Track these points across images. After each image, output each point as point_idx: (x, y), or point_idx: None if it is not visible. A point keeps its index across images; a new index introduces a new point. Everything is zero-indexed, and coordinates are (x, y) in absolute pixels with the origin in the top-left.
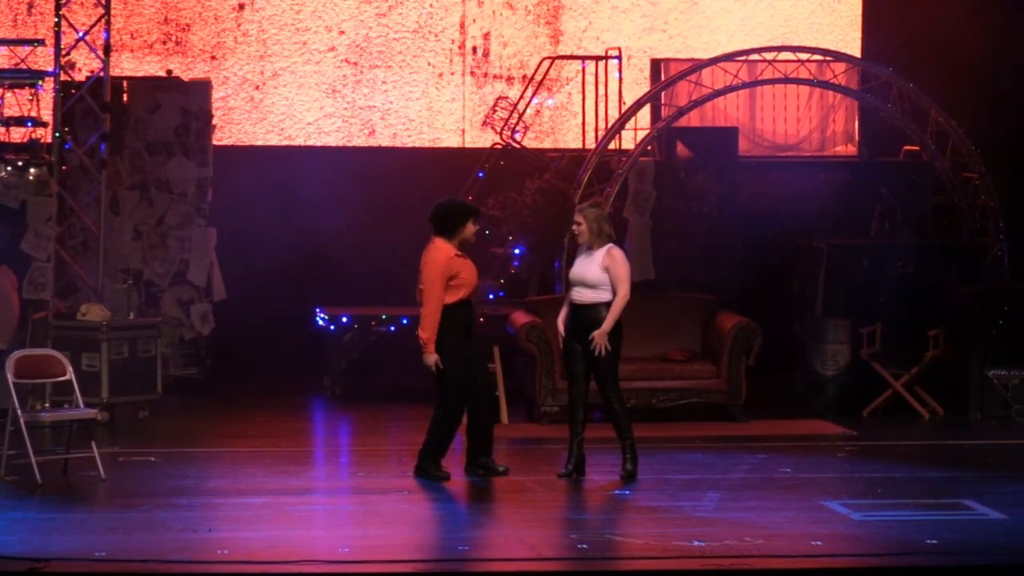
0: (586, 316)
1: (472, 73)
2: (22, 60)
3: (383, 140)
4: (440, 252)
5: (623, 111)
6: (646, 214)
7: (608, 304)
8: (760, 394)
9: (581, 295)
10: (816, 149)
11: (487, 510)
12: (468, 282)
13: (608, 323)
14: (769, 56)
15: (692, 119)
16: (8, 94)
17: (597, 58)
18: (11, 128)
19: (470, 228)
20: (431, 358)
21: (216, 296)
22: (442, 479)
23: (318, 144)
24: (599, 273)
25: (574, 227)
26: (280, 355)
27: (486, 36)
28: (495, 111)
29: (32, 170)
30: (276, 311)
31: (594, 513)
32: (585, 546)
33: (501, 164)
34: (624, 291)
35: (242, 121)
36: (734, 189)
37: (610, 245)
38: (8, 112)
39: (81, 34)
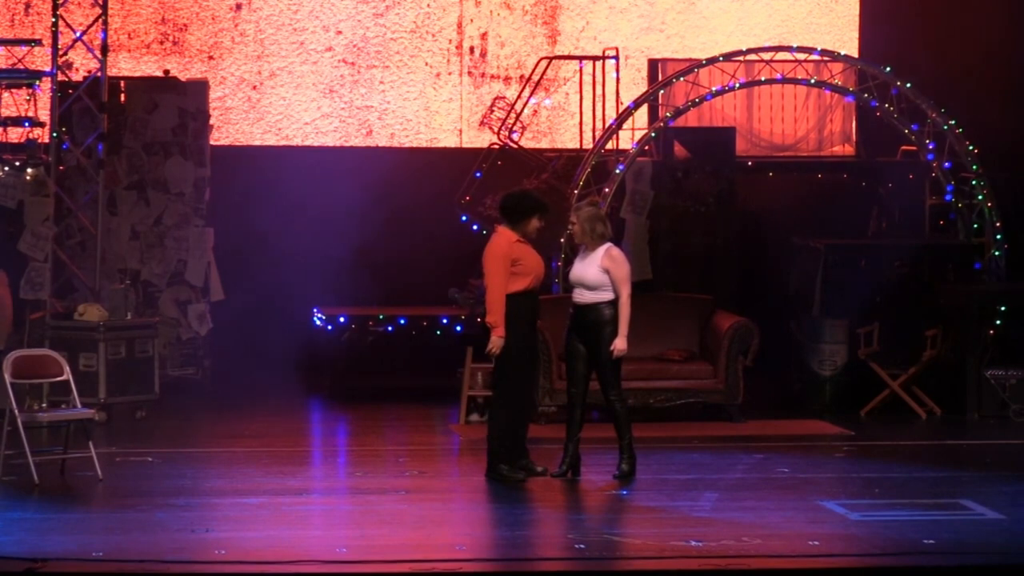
0: (588, 316)
1: (469, 73)
2: (19, 60)
3: (380, 140)
4: (502, 237)
5: (620, 111)
6: (643, 214)
7: (609, 303)
8: (757, 394)
9: (582, 296)
10: (813, 149)
11: (484, 510)
12: (532, 270)
13: (623, 328)
14: (767, 56)
15: (689, 119)
16: (5, 94)
17: (594, 58)
18: (8, 128)
19: (534, 223)
20: (498, 341)
21: (213, 296)
22: (517, 481)
23: (315, 144)
24: (598, 274)
25: (569, 226)
26: (277, 355)
27: (483, 36)
28: (492, 111)
29: (29, 170)
30: (273, 311)
31: (592, 513)
32: (583, 546)
33: (499, 164)
34: (626, 293)
35: (239, 121)
36: (731, 189)
37: (608, 245)
38: (5, 112)
39: (78, 34)
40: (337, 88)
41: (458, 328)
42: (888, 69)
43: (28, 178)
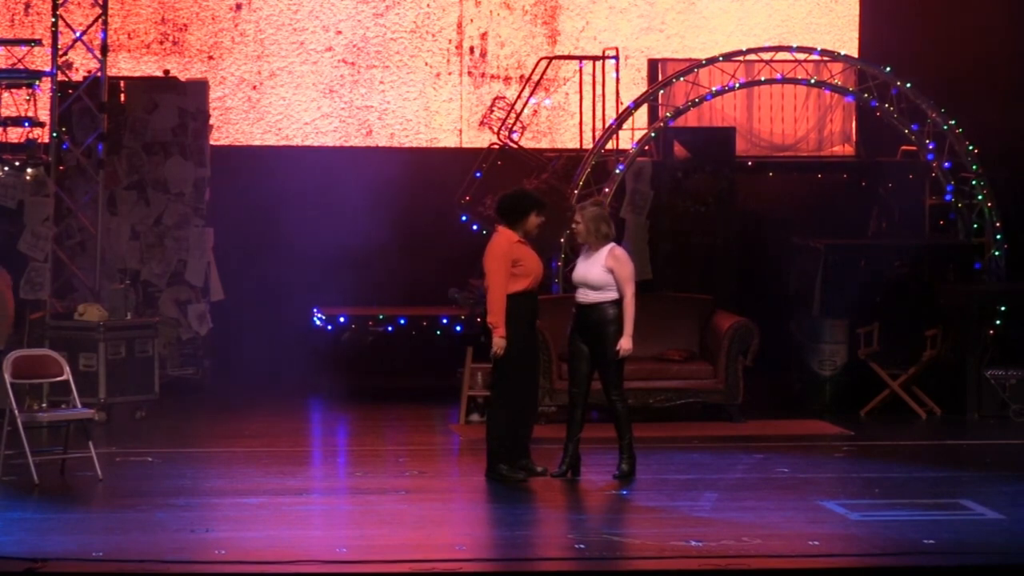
0: (591, 316)
1: (469, 73)
2: (19, 60)
3: (380, 140)
4: (502, 237)
5: (620, 111)
6: (643, 214)
7: (613, 302)
8: (757, 394)
9: (585, 296)
10: (813, 149)
11: (484, 510)
12: (531, 271)
13: (628, 328)
14: (766, 56)
15: (689, 119)
16: (5, 94)
17: (594, 58)
18: (8, 128)
19: (533, 220)
20: (500, 342)
21: (213, 296)
22: (517, 481)
23: (315, 144)
24: (602, 274)
25: (573, 226)
26: (277, 355)
27: (483, 36)
28: (492, 111)
29: (29, 170)
30: (273, 311)
31: (592, 513)
32: (583, 546)
33: (499, 164)
34: (630, 292)
35: (239, 121)
36: (731, 189)
37: (612, 245)
38: (5, 112)
39: (78, 34)
40: (337, 88)
41: (458, 328)
42: (888, 69)
43: (28, 178)
